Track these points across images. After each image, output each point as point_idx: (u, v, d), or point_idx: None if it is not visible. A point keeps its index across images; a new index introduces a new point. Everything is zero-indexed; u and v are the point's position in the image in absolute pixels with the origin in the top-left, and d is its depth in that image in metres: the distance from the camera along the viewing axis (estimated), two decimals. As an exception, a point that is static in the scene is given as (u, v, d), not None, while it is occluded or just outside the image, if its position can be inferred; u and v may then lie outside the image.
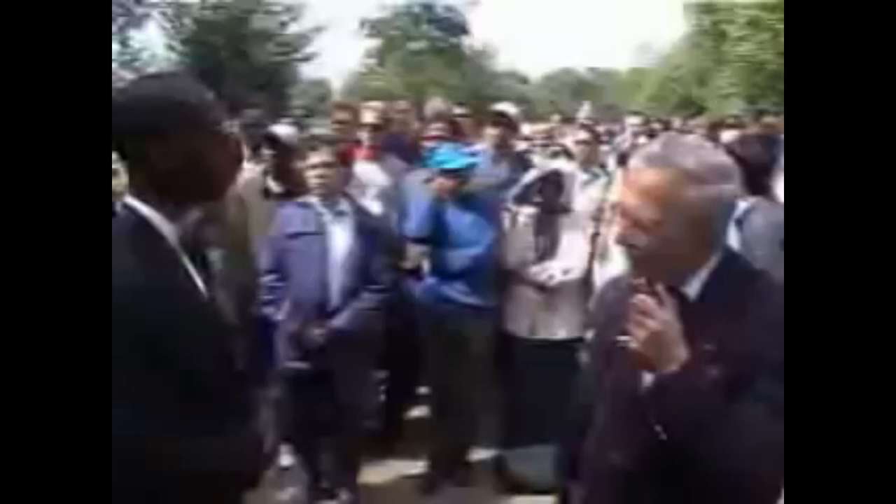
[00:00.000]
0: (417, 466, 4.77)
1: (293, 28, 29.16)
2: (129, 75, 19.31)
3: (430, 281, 4.39)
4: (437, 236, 4.31)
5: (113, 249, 1.63)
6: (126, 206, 1.77)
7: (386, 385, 5.35)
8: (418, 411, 5.38)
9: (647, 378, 1.79)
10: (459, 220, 4.31)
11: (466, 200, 4.34)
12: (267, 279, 4.12)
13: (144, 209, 1.76)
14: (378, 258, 4.09)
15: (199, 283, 1.86)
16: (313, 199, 4.07)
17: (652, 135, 8.57)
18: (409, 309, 4.47)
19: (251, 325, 4.20)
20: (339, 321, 3.97)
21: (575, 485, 2.27)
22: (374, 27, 44.87)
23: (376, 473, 4.73)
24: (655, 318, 1.70)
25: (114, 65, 19.37)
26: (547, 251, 4.53)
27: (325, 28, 29.49)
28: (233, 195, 5.27)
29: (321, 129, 6.32)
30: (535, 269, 4.48)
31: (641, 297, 1.73)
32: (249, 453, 1.89)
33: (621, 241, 1.87)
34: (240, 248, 4.58)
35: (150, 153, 1.72)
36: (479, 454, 4.86)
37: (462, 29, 44.76)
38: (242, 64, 25.69)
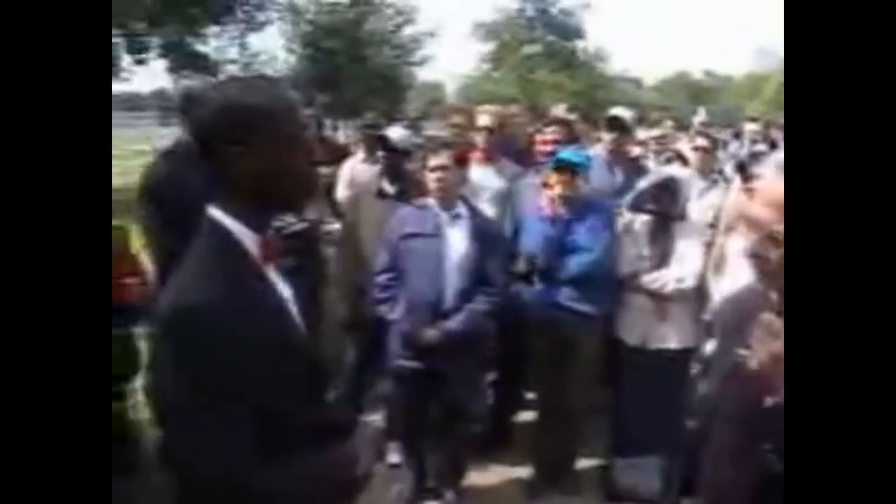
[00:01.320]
0: (523, 472, 4.76)
1: (407, 31, 29.49)
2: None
3: (541, 286, 4.38)
4: (551, 246, 4.28)
5: (195, 265, 1.64)
6: (210, 219, 1.72)
7: (494, 388, 5.36)
8: (526, 416, 5.37)
9: (767, 399, 1.74)
10: (574, 227, 4.28)
11: (581, 206, 4.31)
12: (382, 278, 4.17)
13: (228, 221, 1.70)
14: (492, 261, 4.10)
15: (288, 298, 1.79)
16: (430, 201, 4.11)
17: (773, 143, 8.32)
18: (519, 313, 4.47)
19: (364, 324, 4.27)
20: (453, 323, 3.99)
21: (689, 501, 2.22)
22: (489, 31, 44.94)
23: (482, 476, 4.74)
24: (780, 339, 1.64)
25: (233, 67, 19.91)
26: (661, 259, 4.44)
27: (439, 32, 29.72)
28: (349, 195, 5.38)
29: (436, 132, 6.39)
30: (648, 277, 4.41)
31: (769, 315, 1.68)
32: (343, 470, 1.83)
33: (752, 253, 1.81)
34: (353, 247, 4.67)
35: (231, 160, 1.67)
36: (586, 462, 4.82)
37: (576, 33, 44.41)
38: (359, 67, 26.10)
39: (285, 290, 1.79)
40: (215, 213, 1.71)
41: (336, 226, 5.06)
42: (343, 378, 4.84)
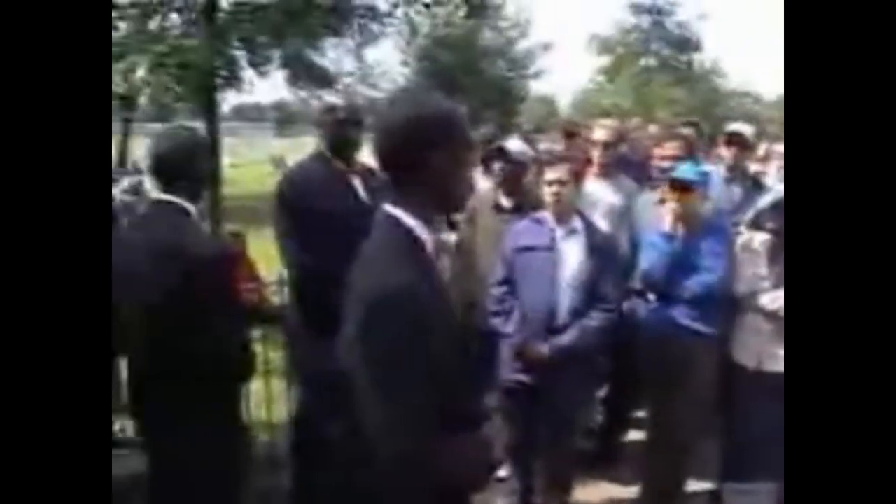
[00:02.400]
0: (630, 491, 4.71)
1: (522, 45, 29.54)
2: (365, 91, 20.26)
3: (657, 303, 4.32)
4: (669, 263, 4.23)
5: (384, 259, 1.78)
6: (389, 216, 1.91)
7: (605, 405, 5.31)
8: (636, 434, 5.30)
9: None
10: (693, 245, 4.21)
11: (699, 224, 4.24)
12: (497, 291, 4.19)
13: (407, 219, 1.90)
14: (607, 277, 4.07)
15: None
16: (547, 215, 4.11)
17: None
18: (633, 330, 4.42)
19: (477, 335, 4.30)
20: (565, 338, 3.98)
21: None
22: (603, 44, 44.59)
23: (588, 493, 4.71)
24: None
25: (350, 80, 20.27)
26: (780, 279, 4.33)
27: (553, 45, 29.69)
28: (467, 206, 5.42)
29: (550, 145, 6.38)
30: (766, 297, 4.30)
31: None
32: (481, 457, 1.95)
33: None
34: (468, 258, 4.70)
35: (417, 165, 1.87)
36: (695, 485, 4.73)
37: (693, 45, 43.64)
38: (473, 80, 26.30)
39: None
40: (395, 211, 1.90)
41: (451, 237, 5.11)
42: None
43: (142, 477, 2.41)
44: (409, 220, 1.91)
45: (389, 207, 1.93)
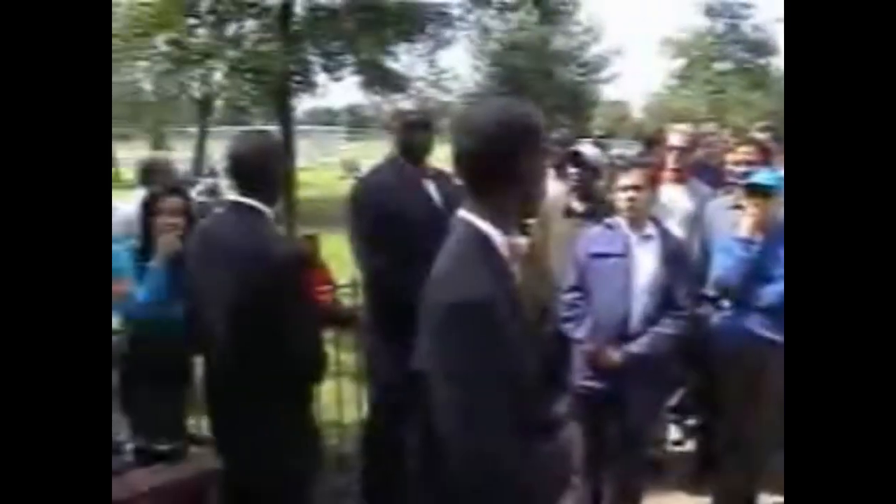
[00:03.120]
0: (702, 502, 4.63)
1: (594, 49, 29.38)
2: (437, 95, 20.33)
3: (732, 312, 4.24)
4: (745, 272, 4.14)
5: (459, 263, 1.77)
6: (466, 221, 1.91)
7: (677, 413, 5.23)
8: (704, 444, 5.20)
9: None
10: (769, 253, 4.12)
11: (776, 232, 4.15)
12: (569, 297, 4.16)
13: (482, 224, 1.89)
14: (681, 284, 4.01)
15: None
16: (620, 221, 4.07)
17: None
18: (706, 338, 4.35)
19: (545, 341, 4.27)
20: (637, 346, 3.92)
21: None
22: (677, 48, 44.07)
23: (658, 503, 4.64)
24: None
25: (421, 84, 20.39)
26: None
27: (625, 49, 29.52)
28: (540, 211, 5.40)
29: (623, 149, 6.33)
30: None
31: None
32: (558, 465, 1.94)
33: None
34: (539, 263, 4.68)
35: (506, 171, 1.86)
36: (768, 499, 4.62)
37: (769, 49, 42.84)
38: (545, 85, 26.24)
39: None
40: (469, 216, 1.90)
41: (522, 241, 5.09)
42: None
43: (216, 474, 2.45)
44: (485, 226, 1.89)
45: (465, 213, 1.92)
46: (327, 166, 33.27)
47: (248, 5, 16.82)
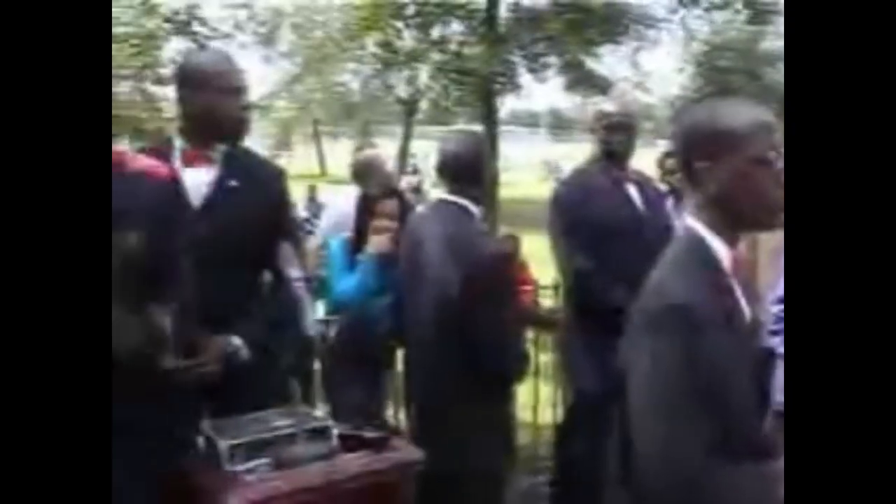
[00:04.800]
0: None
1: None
2: (640, 96, 20.01)
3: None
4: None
5: (674, 267, 1.73)
6: (687, 226, 1.84)
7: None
8: None
9: None
10: None
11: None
12: (776, 309, 3.99)
13: (702, 230, 1.80)
14: None
15: (747, 311, 1.85)
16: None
17: None
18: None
19: (756, 356, 4.09)
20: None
21: None
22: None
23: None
24: None
25: (626, 85, 20.12)
26: None
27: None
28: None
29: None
30: None
31: None
32: (767, 492, 1.83)
33: None
34: (748, 274, 4.51)
35: (701, 175, 1.77)
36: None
37: None
38: (754, 86, 25.27)
39: (746, 306, 1.85)
40: (691, 221, 1.82)
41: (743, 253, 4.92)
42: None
43: (416, 465, 2.51)
44: (703, 232, 1.80)
45: (690, 219, 1.83)
46: (528, 168, 33.43)
47: (454, 8, 17.14)
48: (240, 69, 2.79)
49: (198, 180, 2.66)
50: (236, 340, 2.61)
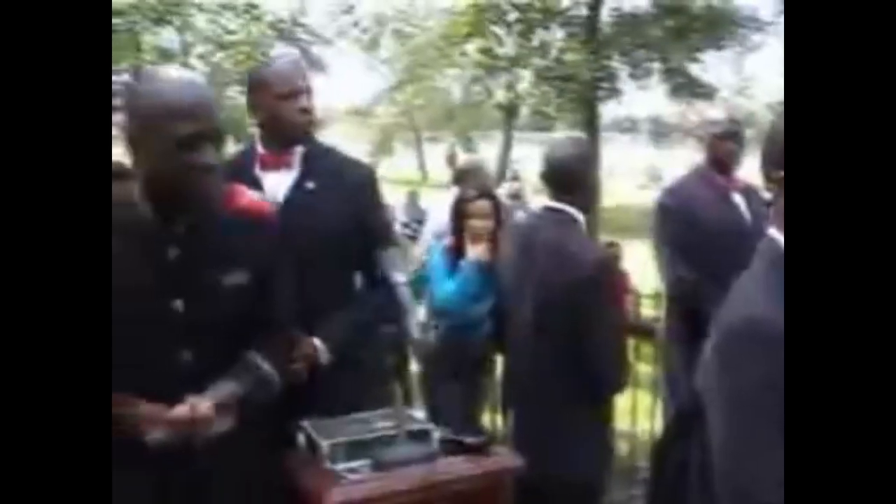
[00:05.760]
0: None
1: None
2: (744, 103, 19.57)
3: None
4: None
5: (754, 278, 1.68)
6: (769, 240, 1.76)
7: None
8: None
9: None
10: None
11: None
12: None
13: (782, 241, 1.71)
14: None
15: None
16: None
17: None
18: None
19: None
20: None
21: None
22: None
23: None
24: None
25: (726, 93, 19.71)
26: None
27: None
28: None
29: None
30: None
31: None
32: None
33: None
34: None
35: (778, 185, 1.71)
36: None
37: None
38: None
39: None
40: (774, 232, 1.75)
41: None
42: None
43: (514, 471, 2.51)
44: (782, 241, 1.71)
45: (774, 231, 1.75)
46: (626, 175, 33.02)
47: (556, 13, 17.08)
48: (299, 73, 2.79)
49: (276, 183, 2.71)
50: (318, 342, 2.63)
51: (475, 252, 3.78)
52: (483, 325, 3.74)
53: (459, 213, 3.95)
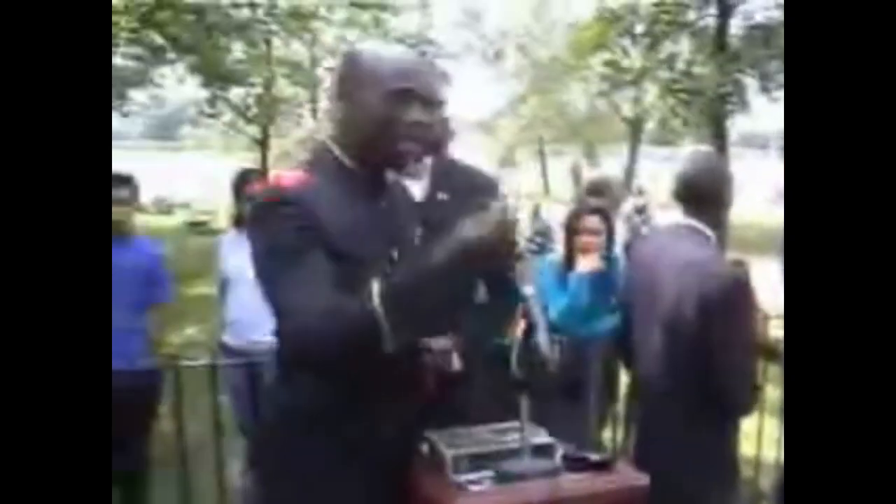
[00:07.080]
0: None
1: None
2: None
3: None
4: None
5: None
6: None
7: None
8: None
9: None
10: None
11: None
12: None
13: None
14: None
15: None
16: None
17: None
18: None
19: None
20: None
21: None
22: None
23: None
24: None
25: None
26: None
27: None
28: None
29: None
30: None
31: None
32: None
33: None
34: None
35: None
36: None
37: None
38: None
39: None
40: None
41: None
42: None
43: (641, 490, 2.47)
44: None
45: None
46: (754, 191, 32.14)
47: (683, 26, 16.81)
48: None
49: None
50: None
51: (584, 264, 3.78)
52: (604, 342, 3.70)
53: (570, 229, 3.96)
